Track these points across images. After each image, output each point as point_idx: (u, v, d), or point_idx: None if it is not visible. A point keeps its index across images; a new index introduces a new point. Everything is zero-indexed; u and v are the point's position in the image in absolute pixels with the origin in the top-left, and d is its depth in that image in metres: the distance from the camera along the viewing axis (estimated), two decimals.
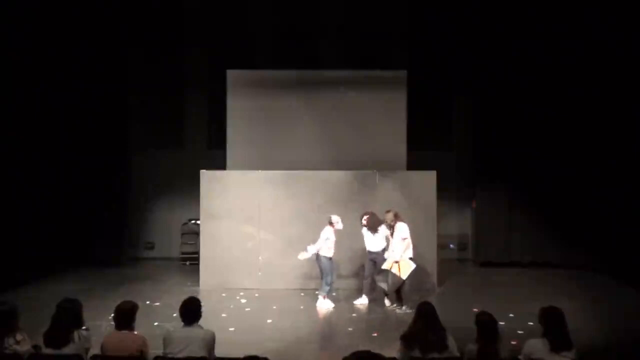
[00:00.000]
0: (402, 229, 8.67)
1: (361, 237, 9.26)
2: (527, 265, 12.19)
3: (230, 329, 7.44)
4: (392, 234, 8.77)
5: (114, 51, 12.62)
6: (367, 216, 9.08)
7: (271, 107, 12.24)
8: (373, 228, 9.00)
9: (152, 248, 13.50)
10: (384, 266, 8.70)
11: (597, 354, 6.33)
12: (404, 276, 8.55)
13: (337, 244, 9.18)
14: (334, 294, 9.26)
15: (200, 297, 5.27)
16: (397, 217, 8.78)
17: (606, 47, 11.71)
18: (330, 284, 8.96)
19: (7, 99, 10.31)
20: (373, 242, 9.07)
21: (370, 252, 9.11)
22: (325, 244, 8.89)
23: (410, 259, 8.68)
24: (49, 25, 11.57)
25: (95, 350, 4.64)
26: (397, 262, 8.55)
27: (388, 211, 8.88)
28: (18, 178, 10.60)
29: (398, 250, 8.59)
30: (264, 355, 3.87)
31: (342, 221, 9.16)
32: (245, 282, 10.14)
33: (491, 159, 12.65)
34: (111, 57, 12.57)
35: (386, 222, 8.83)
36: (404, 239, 8.62)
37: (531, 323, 6.88)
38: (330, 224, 9.00)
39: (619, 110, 11.64)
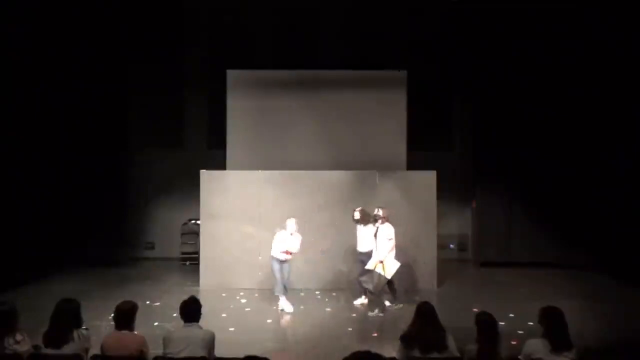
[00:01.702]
0: (388, 229, 8.59)
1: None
2: (527, 265, 12.19)
3: (230, 329, 7.44)
4: (376, 234, 8.66)
5: (114, 51, 12.63)
6: (359, 210, 9.04)
7: (271, 107, 12.25)
8: (365, 221, 8.96)
9: (152, 248, 13.50)
10: (368, 266, 8.61)
11: (597, 354, 6.32)
12: (389, 275, 8.51)
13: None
14: (283, 295, 8.76)
15: (200, 297, 5.27)
16: (386, 217, 8.67)
17: (606, 47, 11.72)
18: (281, 285, 8.69)
19: (7, 99, 10.30)
20: (363, 241, 8.98)
21: (360, 253, 9.04)
22: (278, 247, 8.69)
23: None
24: (49, 25, 11.57)
25: (95, 350, 4.64)
26: (381, 261, 8.47)
27: (383, 208, 8.79)
28: (18, 178, 10.60)
29: (383, 250, 8.50)
30: (264, 355, 3.87)
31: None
32: (245, 282, 10.13)
33: (491, 159, 12.66)
34: (111, 57, 12.58)
35: (374, 216, 8.74)
36: (390, 239, 8.54)
37: (531, 323, 6.87)
38: (283, 226, 8.77)
39: (619, 110, 11.65)
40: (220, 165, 11.99)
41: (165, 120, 13.49)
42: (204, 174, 10.56)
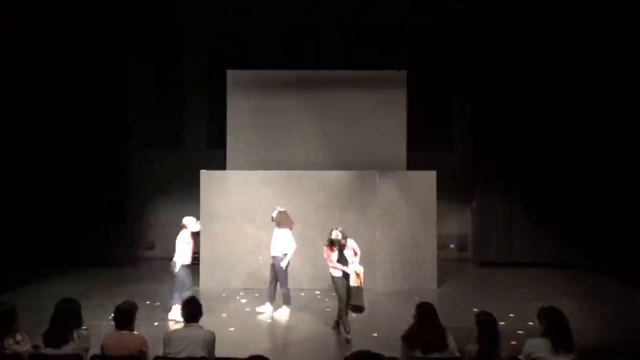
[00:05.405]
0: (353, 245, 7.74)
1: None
2: (527, 265, 12.19)
3: (230, 329, 7.44)
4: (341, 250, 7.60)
5: (114, 50, 12.63)
6: (279, 212, 8.65)
7: (271, 107, 12.24)
8: (280, 225, 8.57)
9: (152, 248, 13.49)
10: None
11: (597, 354, 6.33)
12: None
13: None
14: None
15: (200, 297, 5.27)
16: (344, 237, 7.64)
17: (606, 47, 11.71)
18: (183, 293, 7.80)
19: (7, 99, 10.31)
20: (275, 244, 8.60)
21: (272, 257, 8.62)
22: (185, 251, 8.23)
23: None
24: (49, 25, 11.57)
25: (95, 350, 4.64)
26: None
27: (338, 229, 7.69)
28: (18, 178, 10.61)
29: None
30: (264, 355, 3.87)
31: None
32: (245, 282, 10.13)
33: (491, 159, 12.65)
34: (111, 57, 12.58)
35: (338, 239, 7.56)
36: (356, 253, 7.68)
37: (531, 323, 6.86)
38: (184, 226, 8.32)
39: (619, 110, 11.65)
40: (220, 165, 11.98)
41: (165, 120, 13.49)
42: (204, 174, 10.56)
